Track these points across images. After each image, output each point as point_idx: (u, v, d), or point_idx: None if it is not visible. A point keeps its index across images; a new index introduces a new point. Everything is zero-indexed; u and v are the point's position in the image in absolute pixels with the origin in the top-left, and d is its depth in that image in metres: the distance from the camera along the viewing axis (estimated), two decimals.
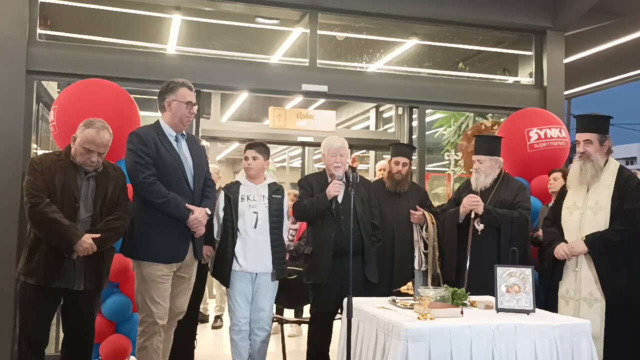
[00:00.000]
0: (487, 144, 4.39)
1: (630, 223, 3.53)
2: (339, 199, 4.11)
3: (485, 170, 4.27)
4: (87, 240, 3.27)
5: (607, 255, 3.53)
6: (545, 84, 6.57)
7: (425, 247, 4.49)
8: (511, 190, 4.30)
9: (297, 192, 7.34)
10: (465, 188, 4.46)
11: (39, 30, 5.29)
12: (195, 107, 3.69)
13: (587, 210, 3.66)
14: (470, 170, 5.78)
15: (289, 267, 4.47)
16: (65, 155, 3.41)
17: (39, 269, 3.25)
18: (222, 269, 4.04)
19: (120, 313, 4.25)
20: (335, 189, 4.05)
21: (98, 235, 3.33)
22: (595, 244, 3.55)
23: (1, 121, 4.94)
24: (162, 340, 3.55)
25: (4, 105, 4.96)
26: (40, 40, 5.27)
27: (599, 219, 3.60)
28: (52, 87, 6.03)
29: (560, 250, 3.67)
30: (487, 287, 3.73)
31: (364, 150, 10.49)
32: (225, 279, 4.04)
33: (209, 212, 3.64)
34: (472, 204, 4.15)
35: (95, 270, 3.41)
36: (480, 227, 4.10)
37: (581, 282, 3.61)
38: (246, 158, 4.18)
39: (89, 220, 3.38)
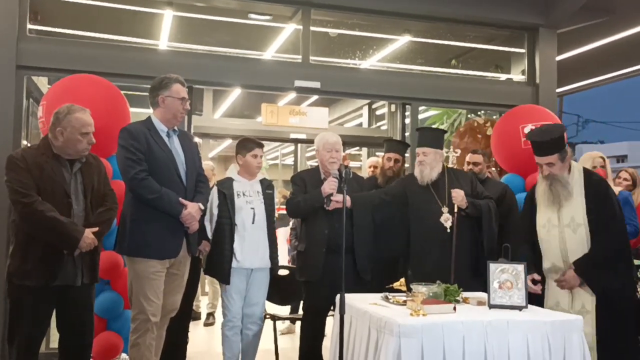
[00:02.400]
0: (431, 136, 4.24)
1: (612, 234, 3.46)
2: (333, 197, 4.09)
3: (430, 163, 4.11)
4: (89, 236, 3.25)
5: (598, 270, 3.45)
6: (537, 81, 6.59)
7: None
8: (465, 181, 4.20)
9: (286, 192, 7.35)
10: (411, 182, 4.23)
11: (28, 25, 5.24)
12: (188, 103, 3.66)
13: (565, 229, 3.54)
14: (463, 167, 5.79)
15: (280, 265, 4.48)
16: (45, 149, 3.31)
17: (38, 269, 3.17)
18: (221, 266, 4.02)
19: (111, 310, 4.22)
20: (331, 186, 4.01)
21: (96, 229, 3.30)
22: (587, 270, 3.45)
23: None
24: (154, 338, 3.52)
25: None
26: (30, 35, 5.22)
27: (580, 237, 3.49)
28: (42, 82, 5.98)
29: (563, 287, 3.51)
30: (472, 283, 3.72)
31: (357, 148, 10.49)
32: (225, 276, 4.01)
33: (202, 207, 3.62)
34: (458, 198, 4.05)
35: (91, 264, 3.38)
36: (449, 223, 4.00)
37: (573, 296, 3.52)
38: (256, 156, 4.16)
39: (82, 214, 3.33)
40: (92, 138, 3.37)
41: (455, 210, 4.00)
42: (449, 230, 3.98)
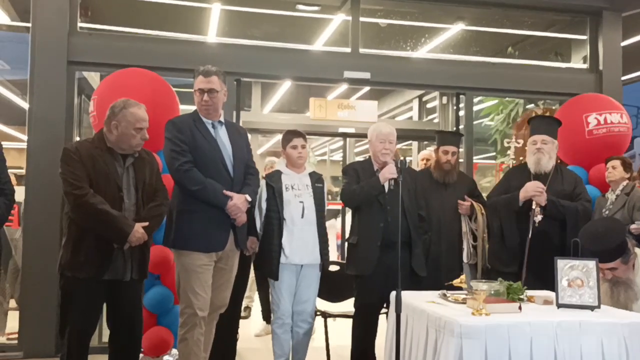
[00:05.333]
0: (550, 125, 4.09)
1: None
2: (387, 188, 3.94)
3: (549, 152, 3.98)
4: (140, 230, 3.20)
5: None
6: (600, 68, 6.24)
7: (474, 239, 4.27)
8: (569, 181, 4.03)
9: (334, 189, 7.23)
10: (517, 174, 4.15)
11: (79, 23, 5.28)
12: (210, 94, 3.49)
13: None
14: (520, 159, 5.52)
15: (330, 261, 4.36)
16: (99, 142, 3.29)
17: (88, 262, 3.15)
18: (269, 261, 3.91)
19: (162, 305, 4.20)
20: (391, 172, 3.86)
21: (147, 224, 3.26)
22: None
23: (43, 112, 4.98)
24: (203, 333, 3.47)
25: (45, 96, 4.98)
26: (80, 31, 5.27)
27: None
28: (95, 80, 6.04)
29: None
30: (547, 281, 3.51)
31: (409, 142, 10.26)
32: (273, 272, 3.91)
33: (249, 199, 3.52)
34: (537, 191, 3.88)
35: (141, 260, 3.34)
36: (538, 218, 3.84)
37: None
38: (295, 147, 4.03)
39: (133, 208, 3.29)
40: (146, 134, 3.34)
41: (533, 206, 3.84)
42: (537, 225, 3.84)
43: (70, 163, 3.18)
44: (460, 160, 5.73)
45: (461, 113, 6.35)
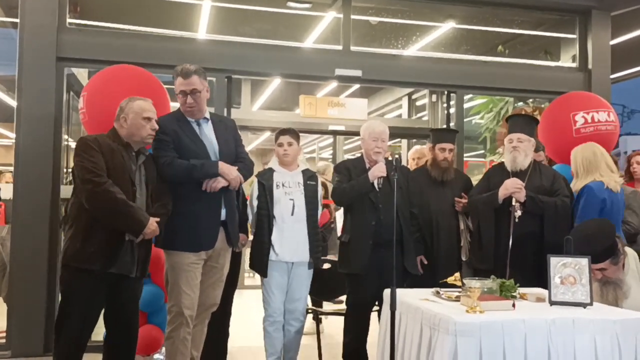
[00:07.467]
0: (527, 124, 4.15)
1: None
2: (377, 187, 3.94)
3: (525, 150, 4.03)
4: (154, 224, 3.20)
5: None
6: (590, 66, 6.28)
7: (472, 236, 4.28)
8: (547, 177, 4.07)
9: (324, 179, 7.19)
10: (496, 172, 4.20)
11: (68, 19, 5.23)
12: (193, 95, 3.45)
13: None
14: None
15: (322, 258, 4.36)
16: (115, 137, 3.29)
17: (99, 253, 3.10)
18: (260, 259, 3.92)
19: (152, 303, 4.17)
20: (381, 170, 3.88)
21: (158, 219, 3.25)
22: None
23: (32, 109, 4.92)
24: (190, 332, 3.46)
25: (34, 93, 4.94)
26: (70, 27, 5.21)
27: None
28: (84, 76, 5.98)
29: None
30: (529, 277, 3.56)
31: (397, 140, 10.27)
32: (263, 269, 3.91)
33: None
34: (516, 187, 3.92)
35: (145, 257, 3.33)
36: (518, 213, 3.88)
37: None
38: (281, 144, 4.04)
39: (143, 204, 3.28)
40: (155, 124, 3.35)
41: (513, 202, 3.87)
42: (517, 220, 3.89)
43: (89, 152, 3.15)
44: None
45: (451, 111, 6.36)
